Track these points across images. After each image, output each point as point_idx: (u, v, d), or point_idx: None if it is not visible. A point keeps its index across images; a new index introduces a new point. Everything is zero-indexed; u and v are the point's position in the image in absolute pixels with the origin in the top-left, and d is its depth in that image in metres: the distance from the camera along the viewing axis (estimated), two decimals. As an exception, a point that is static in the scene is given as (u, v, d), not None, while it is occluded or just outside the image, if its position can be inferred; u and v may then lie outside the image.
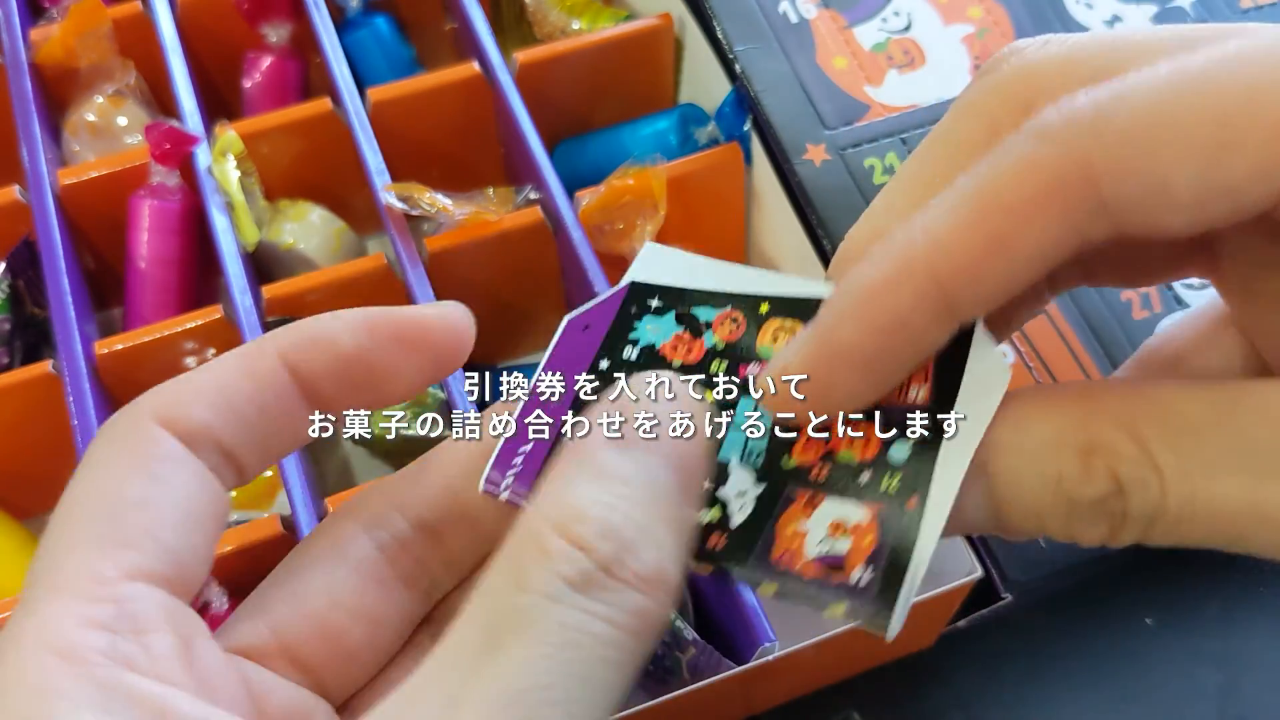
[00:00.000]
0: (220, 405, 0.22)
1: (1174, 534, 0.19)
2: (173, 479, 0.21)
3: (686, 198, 0.48)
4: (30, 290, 0.49)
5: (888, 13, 0.50)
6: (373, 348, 0.23)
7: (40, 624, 0.19)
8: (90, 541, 0.20)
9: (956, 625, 0.41)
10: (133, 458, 0.21)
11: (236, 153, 0.47)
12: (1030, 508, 0.20)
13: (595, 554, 0.19)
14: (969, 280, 0.19)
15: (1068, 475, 0.19)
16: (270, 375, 0.23)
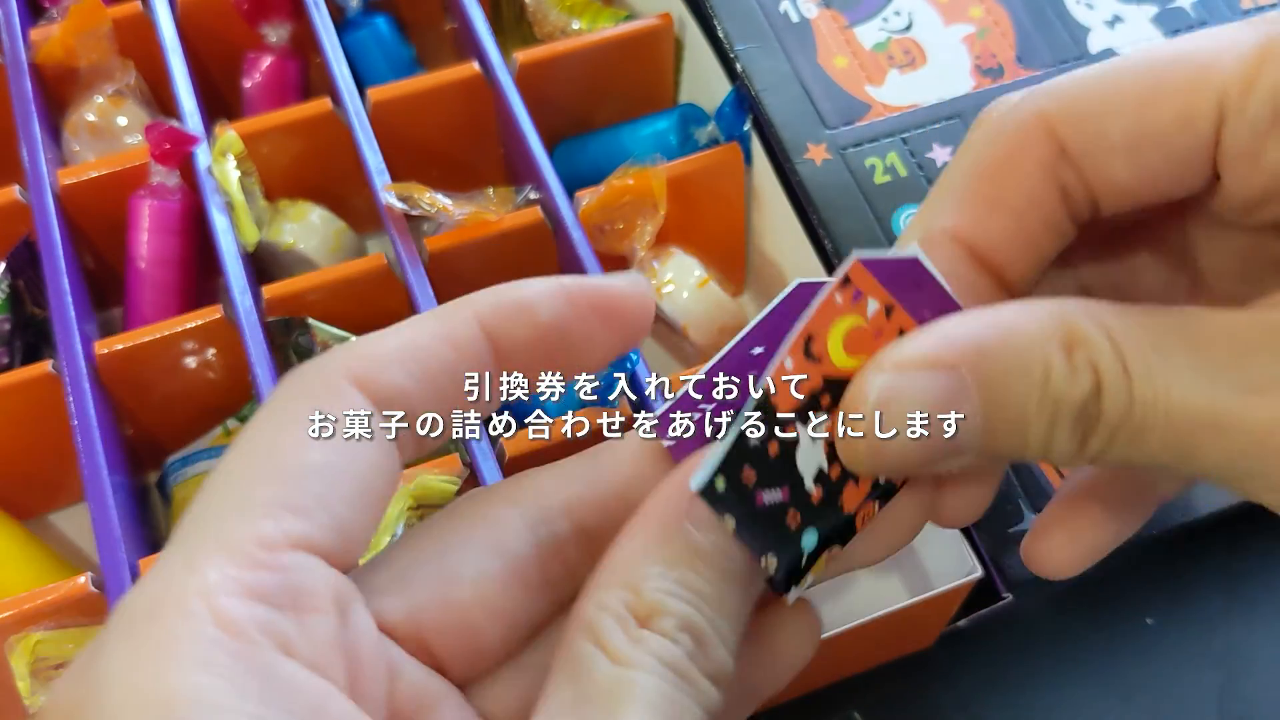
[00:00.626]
0: (416, 371, 0.21)
1: (1133, 444, 0.20)
2: (359, 447, 0.20)
3: (686, 198, 0.48)
4: (30, 290, 0.49)
5: (888, 12, 0.50)
6: (572, 317, 0.23)
7: (201, 586, 0.18)
8: (262, 502, 0.19)
9: (957, 625, 0.41)
10: (319, 417, 0.20)
11: (236, 153, 0.47)
12: (1017, 414, 0.20)
13: (680, 645, 0.20)
14: (982, 234, 0.22)
15: (1055, 369, 0.19)
16: (469, 342, 0.22)
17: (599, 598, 0.20)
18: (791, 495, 0.21)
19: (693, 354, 0.48)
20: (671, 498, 0.21)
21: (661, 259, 0.47)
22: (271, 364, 0.43)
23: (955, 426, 0.20)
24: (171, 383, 0.46)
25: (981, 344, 0.20)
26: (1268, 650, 0.43)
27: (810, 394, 0.21)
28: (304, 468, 0.20)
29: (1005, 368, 0.20)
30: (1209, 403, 0.19)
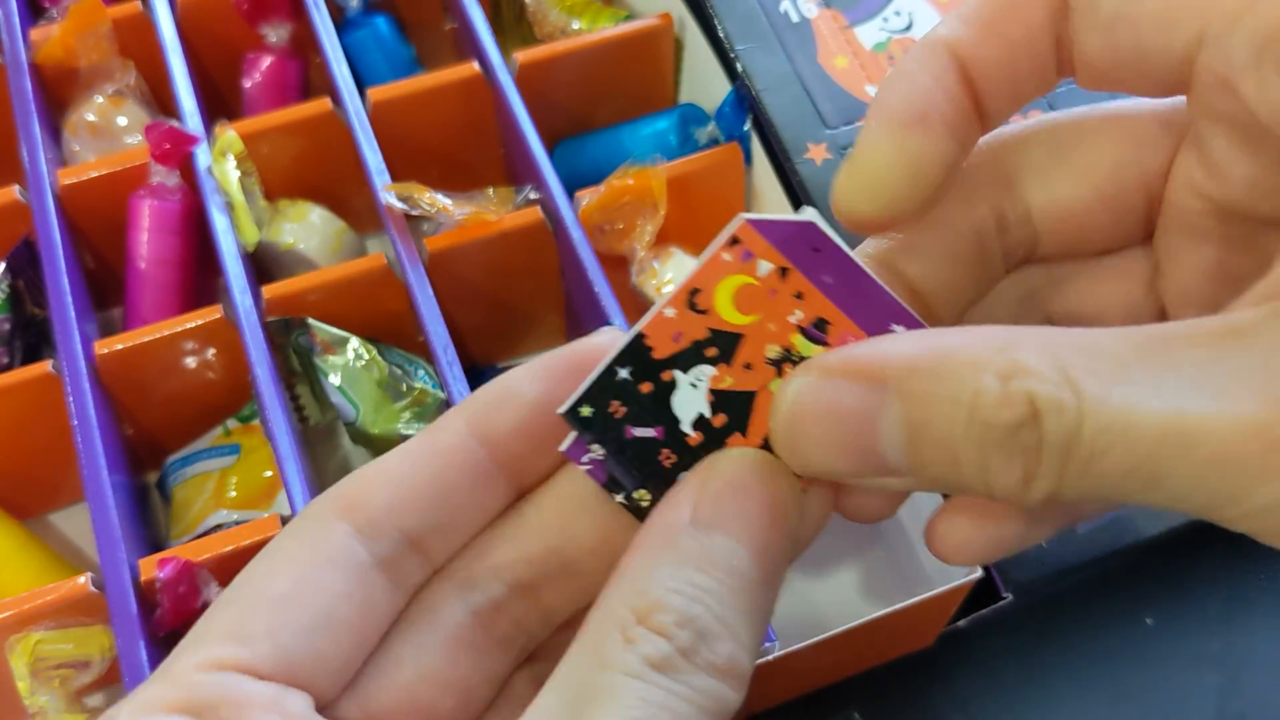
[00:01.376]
0: (403, 488, 0.22)
1: (1090, 474, 0.18)
2: (325, 578, 0.21)
3: (686, 198, 0.48)
4: (30, 290, 0.49)
5: (889, 12, 0.50)
6: (556, 387, 0.23)
7: (132, 708, 0.20)
8: (215, 631, 0.21)
9: (956, 625, 0.41)
10: (297, 552, 0.22)
11: (236, 153, 0.47)
12: (943, 436, 0.19)
13: (675, 641, 0.20)
14: (976, 53, 0.22)
15: (983, 397, 0.18)
16: (455, 448, 0.22)
17: (605, 605, 0.21)
18: (666, 435, 0.22)
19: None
20: (672, 512, 0.22)
21: (661, 259, 0.47)
22: (271, 364, 0.43)
23: (879, 441, 0.20)
24: (171, 383, 0.46)
25: (914, 362, 0.19)
26: (1267, 650, 0.43)
27: (693, 343, 0.22)
28: (260, 598, 0.21)
29: (934, 388, 0.19)
30: (1174, 415, 0.17)
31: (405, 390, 0.44)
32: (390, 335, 0.47)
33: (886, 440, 0.20)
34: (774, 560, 0.21)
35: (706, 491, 0.22)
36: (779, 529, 0.22)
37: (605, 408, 0.22)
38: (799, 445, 0.21)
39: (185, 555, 0.39)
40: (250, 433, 0.48)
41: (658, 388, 0.22)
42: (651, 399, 0.22)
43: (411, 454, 0.23)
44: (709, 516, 0.21)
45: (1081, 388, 0.18)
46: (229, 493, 0.46)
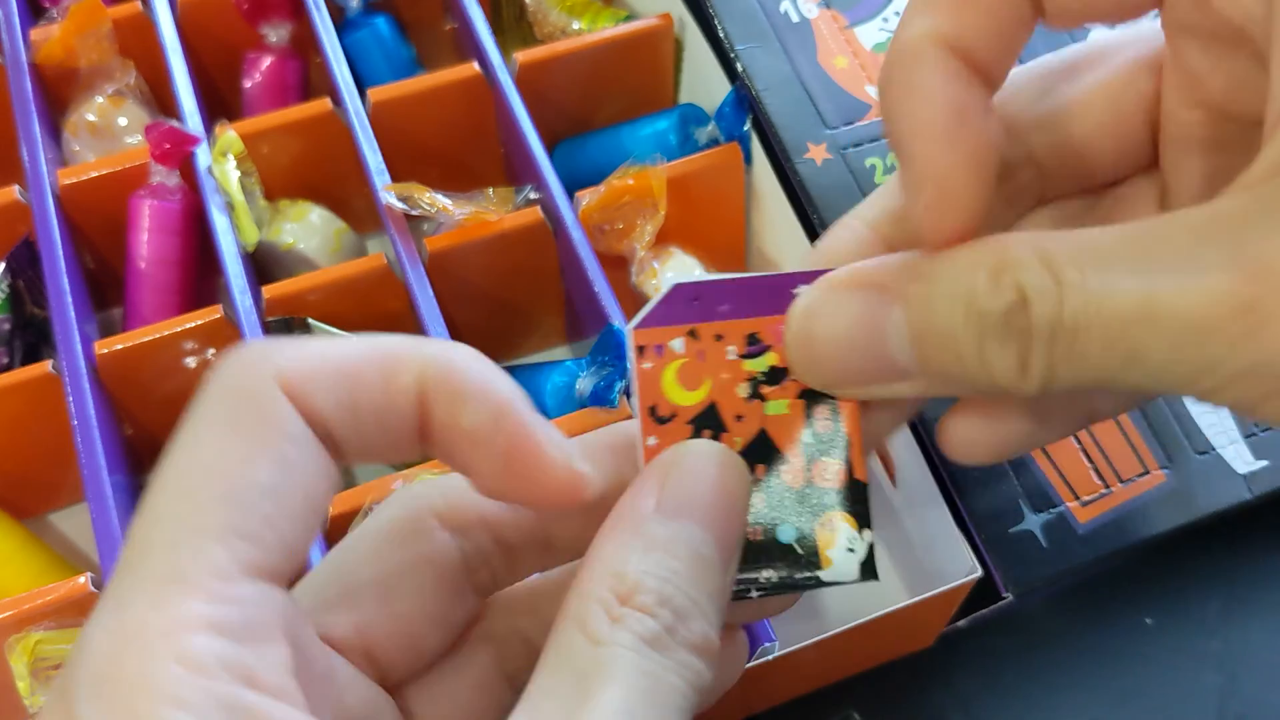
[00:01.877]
0: (345, 401, 0.21)
1: (1074, 356, 0.19)
2: (300, 466, 0.20)
3: (686, 198, 0.48)
4: (30, 290, 0.49)
5: (889, 12, 0.50)
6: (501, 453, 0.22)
7: (163, 625, 0.18)
8: (214, 528, 0.19)
9: (956, 625, 0.41)
10: (259, 432, 0.20)
11: (236, 153, 0.47)
12: (944, 329, 0.21)
13: (659, 620, 0.21)
14: (966, 31, 0.22)
15: (978, 290, 0.20)
16: (404, 392, 0.22)
17: (584, 587, 0.21)
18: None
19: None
20: (638, 501, 0.22)
21: (661, 259, 0.47)
22: (271, 364, 0.43)
23: (887, 343, 0.21)
24: (171, 383, 0.46)
25: (914, 268, 0.21)
26: (1267, 651, 0.43)
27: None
28: (253, 489, 0.19)
29: (933, 288, 0.21)
30: (1144, 294, 0.18)
31: (405, 390, 0.44)
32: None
33: (894, 341, 0.21)
34: (731, 545, 0.23)
35: (670, 482, 0.23)
36: (735, 516, 0.23)
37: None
38: (814, 355, 0.23)
39: (185, 555, 0.39)
40: (250, 433, 0.47)
41: None
42: None
43: (358, 361, 0.22)
44: (673, 506, 0.22)
45: (1062, 274, 0.19)
46: (229, 493, 0.46)
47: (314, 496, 0.21)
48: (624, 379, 0.40)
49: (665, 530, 0.22)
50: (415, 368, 0.22)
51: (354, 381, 0.21)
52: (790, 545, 0.23)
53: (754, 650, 0.36)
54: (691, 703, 0.21)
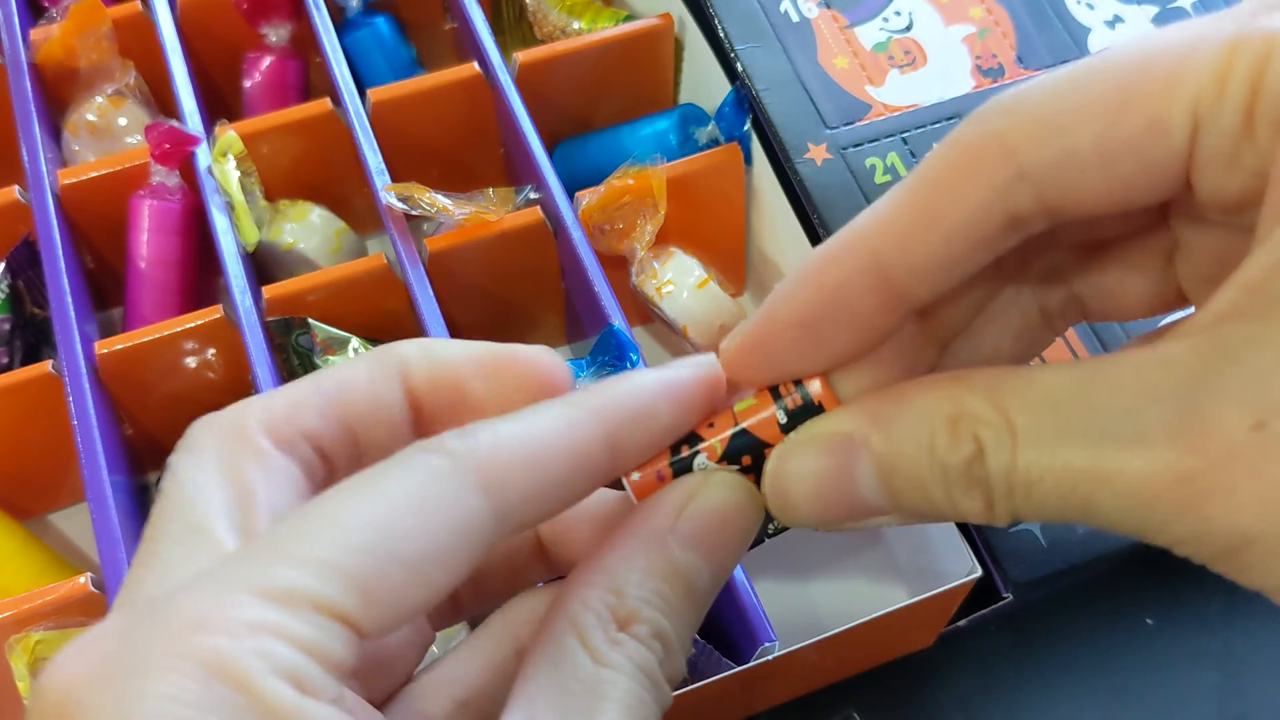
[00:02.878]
0: (544, 483, 0.21)
1: (1031, 500, 0.20)
2: (454, 561, 0.20)
3: (686, 198, 0.48)
4: (30, 290, 0.49)
5: (889, 12, 0.50)
6: (684, 420, 0.23)
7: (245, 621, 0.18)
8: (334, 569, 0.18)
9: (956, 625, 0.41)
10: (434, 510, 0.19)
11: (236, 153, 0.47)
12: (912, 476, 0.21)
13: (653, 652, 0.22)
14: (900, 251, 0.21)
15: (939, 440, 0.21)
16: (588, 454, 0.22)
17: (584, 595, 0.22)
18: None
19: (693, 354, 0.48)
20: (659, 519, 0.23)
21: (661, 259, 0.47)
22: (272, 364, 0.43)
23: (858, 488, 0.22)
24: (171, 383, 0.46)
25: (876, 414, 0.22)
26: (1267, 650, 0.43)
27: (673, 465, 0.24)
28: (396, 558, 0.19)
29: (895, 438, 0.21)
30: (1092, 457, 0.19)
31: (405, 390, 0.44)
32: (390, 335, 0.47)
33: (864, 486, 0.22)
34: (722, 581, 0.24)
35: (693, 511, 0.23)
36: (736, 555, 0.24)
37: None
38: (791, 508, 0.23)
39: (185, 555, 0.39)
40: (250, 433, 0.47)
41: None
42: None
43: (551, 442, 0.21)
44: (689, 537, 0.23)
45: (1015, 427, 0.20)
46: (229, 493, 0.46)
47: (445, 589, 0.20)
48: None
49: (673, 557, 0.22)
50: (394, 363, 0.23)
51: (338, 397, 0.22)
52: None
53: (754, 650, 0.36)
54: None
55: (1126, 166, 0.20)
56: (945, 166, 0.21)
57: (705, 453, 0.24)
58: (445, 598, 0.20)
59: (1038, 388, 0.20)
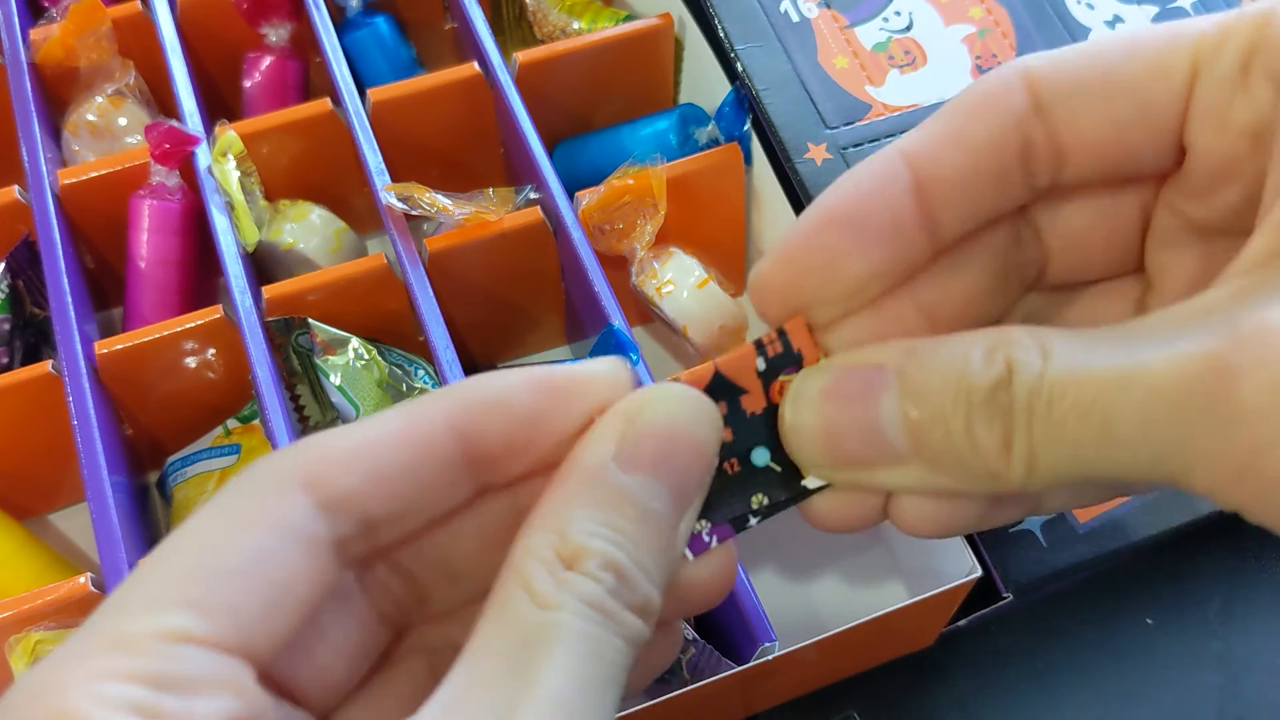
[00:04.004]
0: (374, 473, 0.22)
1: (1051, 420, 0.20)
2: (276, 559, 0.21)
3: (686, 198, 0.48)
4: (30, 290, 0.49)
5: (889, 12, 0.50)
6: (550, 405, 0.23)
7: (90, 671, 0.19)
8: (167, 599, 0.20)
9: (956, 625, 0.41)
10: (245, 520, 0.21)
11: (236, 153, 0.47)
12: (935, 407, 0.21)
13: (603, 584, 0.21)
14: (932, 161, 0.22)
15: (970, 366, 0.21)
16: (434, 441, 0.22)
17: (527, 543, 0.21)
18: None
19: (693, 354, 0.48)
20: (597, 448, 0.22)
21: (661, 259, 0.47)
22: (272, 364, 0.43)
23: (880, 420, 0.22)
24: (171, 383, 0.46)
25: (911, 347, 0.22)
26: (1268, 650, 0.43)
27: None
28: (218, 569, 0.20)
29: (928, 366, 0.21)
30: (1120, 364, 0.19)
31: (405, 390, 0.44)
32: (390, 335, 0.47)
33: (886, 418, 0.22)
34: (689, 501, 0.23)
35: (633, 432, 0.22)
36: (697, 465, 0.23)
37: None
38: (807, 432, 0.23)
39: (185, 555, 0.39)
40: (250, 433, 0.48)
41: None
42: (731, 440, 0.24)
43: (387, 436, 0.22)
44: (633, 458, 0.22)
45: (1051, 350, 0.20)
46: (229, 493, 0.46)
47: (287, 588, 0.21)
48: None
49: (617, 484, 0.22)
50: (437, 413, 0.22)
51: (382, 455, 0.22)
52: (768, 467, 0.24)
53: (754, 650, 0.36)
54: (630, 658, 0.21)
55: (1125, 105, 0.22)
56: (975, 94, 0.23)
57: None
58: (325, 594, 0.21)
59: (1084, 331, 0.20)
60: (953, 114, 0.23)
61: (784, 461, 0.24)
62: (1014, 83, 0.22)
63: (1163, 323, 0.20)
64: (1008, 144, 0.22)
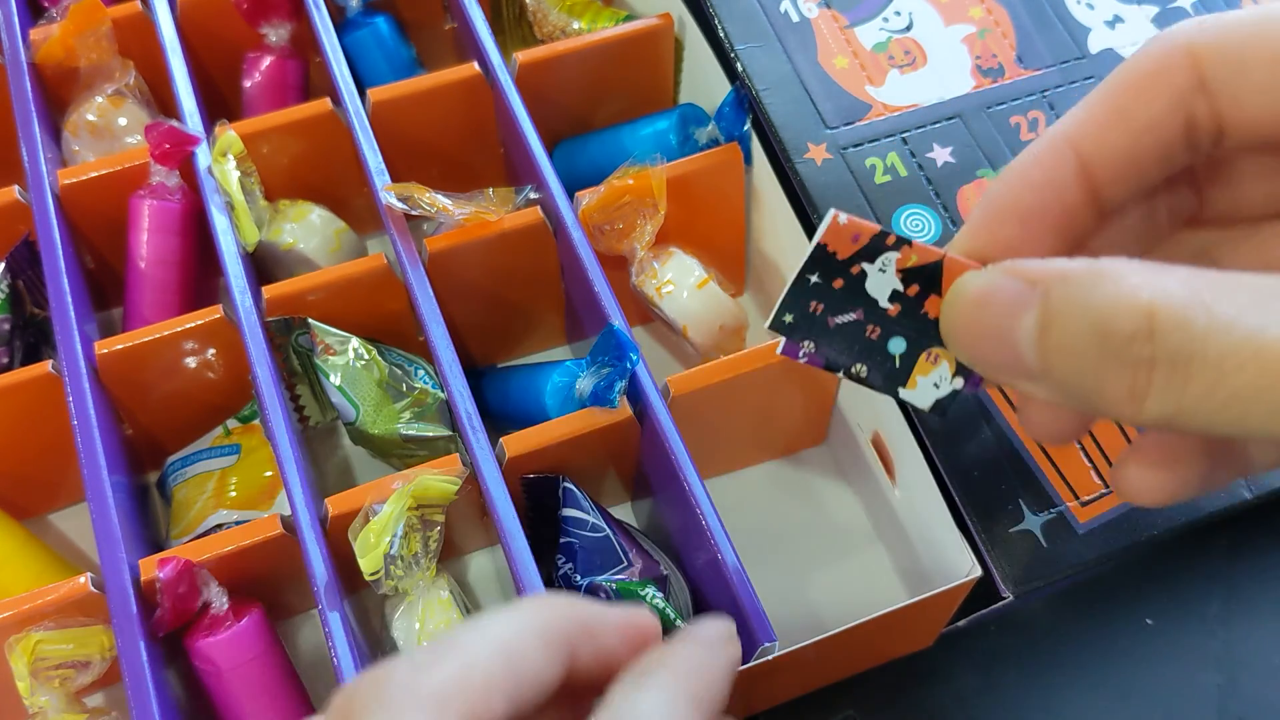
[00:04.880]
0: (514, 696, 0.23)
1: (1220, 388, 0.19)
2: None
3: (686, 198, 0.48)
4: (30, 290, 0.49)
5: (889, 12, 0.50)
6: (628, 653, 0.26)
7: None
8: None
9: (956, 625, 0.41)
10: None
11: (236, 153, 0.47)
12: (1068, 338, 0.21)
13: None
14: (1097, 145, 0.23)
15: (1109, 305, 0.20)
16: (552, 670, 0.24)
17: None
18: (866, 314, 0.26)
19: (693, 354, 0.48)
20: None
21: (661, 259, 0.47)
22: (272, 364, 0.43)
23: (1017, 334, 0.22)
24: (171, 383, 0.46)
25: (1065, 271, 0.21)
26: (1267, 650, 0.43)
27: (872, 238, 0.25)
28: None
29: (1073, 293, 0.21)
30: (1251, 330, 0.19)
31: (405, 390, 0.44)
32: (390, 335, 0.47)
33: (1023, 334, 0.22)
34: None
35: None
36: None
37: (806, 309, 0.26)
38: (956, 324, 0.24)
39: (185, 555, 0.39)
40: (250, 433, 0.48)
41: (848, 281, 0.26)
42: (845, 291, 0.26)
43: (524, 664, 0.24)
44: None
45: (1215, 309, 0.19)
46: (229, 493, 0.46)
47: None
48: (624, 379, 0.40)
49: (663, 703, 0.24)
50: (560, 637, 0.25)
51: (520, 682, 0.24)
52: (894, 355, 0.26)
53: (754, 650, 0.36)
54: None
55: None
56: (1138, 71, 0.23)
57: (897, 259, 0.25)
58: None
59: (1245, 283, 0.20)
60: (1115, 93, 0.23)
61: (906, 364, 0.26)
62: (1177, 59, 0.22)
63: None
64: (1172, 122, 0.23)
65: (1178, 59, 0.22)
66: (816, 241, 0.26)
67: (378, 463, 0.49)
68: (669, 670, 0.25)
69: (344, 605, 0.38)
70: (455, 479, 0.39)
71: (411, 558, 0.39)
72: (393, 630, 0.39)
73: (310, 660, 0.45)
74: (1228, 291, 0.19)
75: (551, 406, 0.44)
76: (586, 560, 0.39)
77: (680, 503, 0.39)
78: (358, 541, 0.38)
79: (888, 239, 0.25)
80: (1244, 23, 0.22)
